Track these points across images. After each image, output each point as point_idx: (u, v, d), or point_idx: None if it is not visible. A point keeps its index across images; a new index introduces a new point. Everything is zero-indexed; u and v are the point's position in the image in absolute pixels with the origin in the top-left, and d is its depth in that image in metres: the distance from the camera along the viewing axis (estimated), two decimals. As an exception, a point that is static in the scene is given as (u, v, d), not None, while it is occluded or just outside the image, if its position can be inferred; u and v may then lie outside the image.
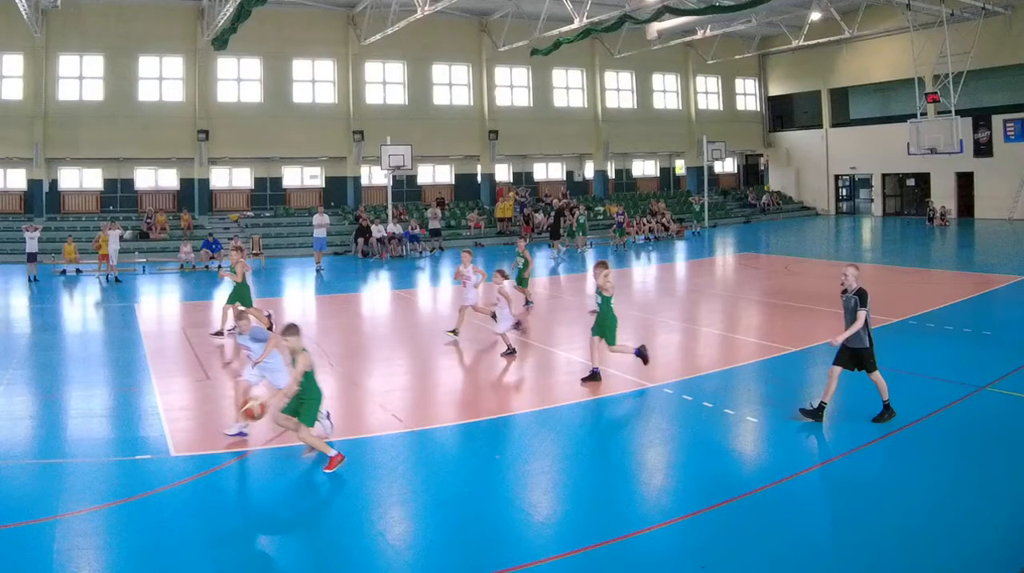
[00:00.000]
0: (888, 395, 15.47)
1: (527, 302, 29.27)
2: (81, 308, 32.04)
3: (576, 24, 47.11)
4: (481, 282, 24.69)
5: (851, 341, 15.36)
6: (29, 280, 37.65)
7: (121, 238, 41.45)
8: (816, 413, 15.58)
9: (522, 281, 29.13)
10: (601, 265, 18.88)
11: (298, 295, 36.78)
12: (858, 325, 15.26)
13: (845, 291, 15.69)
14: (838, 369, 15.63)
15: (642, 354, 18.99)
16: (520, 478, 13.41)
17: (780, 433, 15.31)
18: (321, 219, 46.03)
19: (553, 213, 50.76)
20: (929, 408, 16.13)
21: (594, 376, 18.58)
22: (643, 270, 41.92)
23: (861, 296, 15.39)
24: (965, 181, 62.34)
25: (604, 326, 18.58)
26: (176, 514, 11.92)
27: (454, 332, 23.94)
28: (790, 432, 15.23)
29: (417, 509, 12.43)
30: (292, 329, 13.79)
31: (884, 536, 10.81)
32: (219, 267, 39.46)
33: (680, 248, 51.17)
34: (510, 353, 21.56)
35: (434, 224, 52.43)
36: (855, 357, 15.47)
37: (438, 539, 11.21)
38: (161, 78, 53.16)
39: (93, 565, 10.43)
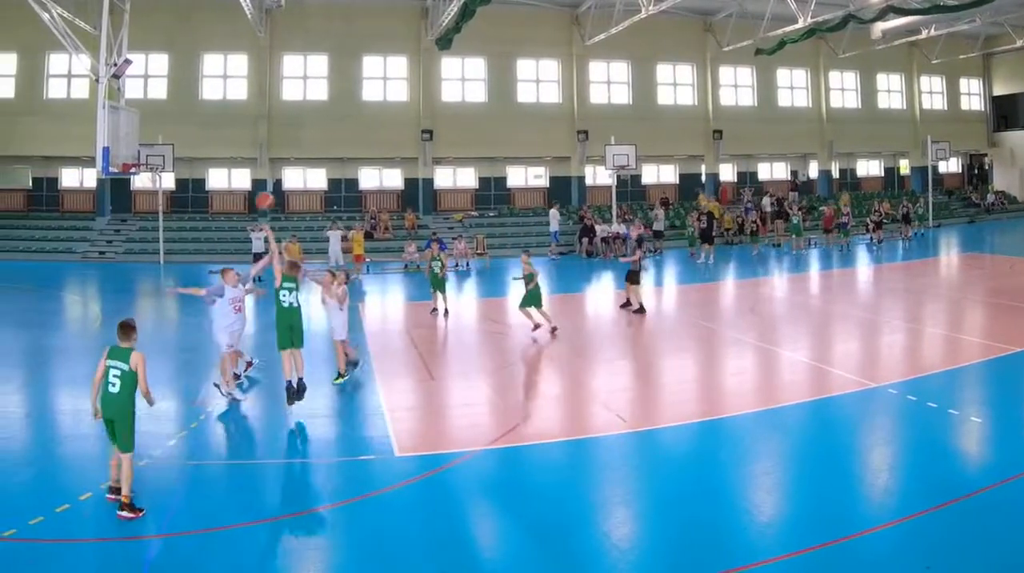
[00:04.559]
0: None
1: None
2: (306, 306, 25.83)
3: (800, 24, 39.77)
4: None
5: (636, 265, 25.40)
6: (253, 280, 30.48)
7: (343, 238, 36.91)
8: (632, 308, 25.25)
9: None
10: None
11: (521, 295, 31.06)
12: (640, 254, 26.65)
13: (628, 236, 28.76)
14: (630, 285, 25.30)
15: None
16: (744, 479, 11.87)
17: (1005, 433, 13.65)
18: (555, 214, 43.62)
19: (704, 216, 41.54)
20: None
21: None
22: (867, 270, 36.77)
23: (639, 239, 30.43)
24: None
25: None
26: (400, 514, 10.82)
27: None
28: (1015, 432, 13.59)
29: (641, 510, 11.21)
30: None
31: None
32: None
33: (904, 248, 43.82)
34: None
35: (657, 226, 44.41)
36: (637, 274, 25.38)
37: (662, 539, 10.12)
38: (385, 78, 46.97)
39: (318, 565, 9.63)
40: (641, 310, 24.89)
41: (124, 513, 10.24)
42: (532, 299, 22.50)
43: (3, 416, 14.97)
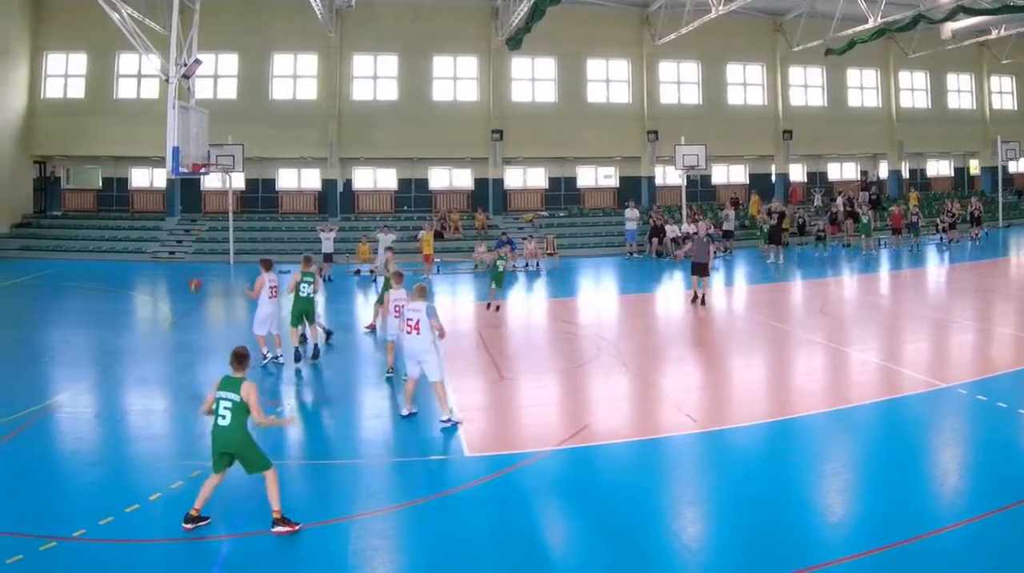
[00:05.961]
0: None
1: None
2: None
3: (870, 24, 37.96)
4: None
5: (701, 258, 25.20)
6: (324, 280, 29.33)
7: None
8: (698, 300, 25.16)
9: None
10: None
11: (592, 294, 32.08)
12: (712, 250, 26.51)
13: (696, 233, 27.69)
14: (695, 277, 25.29)
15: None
16: (814, 479, 11.34)
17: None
18: (632, 213, 41.71)
19: (776, 216, 39.32)
20: None
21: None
22: (937, 270, 35.25)
23: (711, 236, 27.96)
24: None
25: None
26: (470, 514, 10.35)
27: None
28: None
29: (711, 510, 10.58)
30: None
31: None
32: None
33: (974, 248, 41.36)
34: None
35: (727, 226, 41.99)
36: (703, 267, 25.25)
37: (732, 539, 9.58)
38: (455, 78, 44.76)
39: (388, 565, 9.23)
40: (697, 300, 25.22)
41: (279, 528, 9.57)
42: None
43: (73, 416, 14.48)
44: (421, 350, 13.71)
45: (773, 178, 50.23)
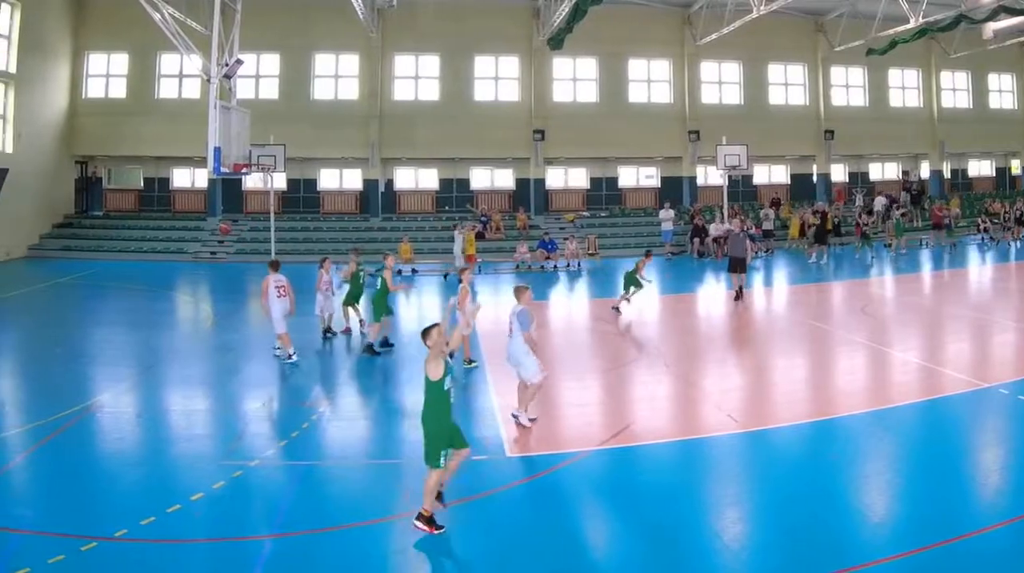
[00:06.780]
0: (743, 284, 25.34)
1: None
2: (416, 309, 26.85)
3: (912, 24, 37.05)
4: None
5: (738, 253, 25.47)
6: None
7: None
8: (738, 296, 25.35)
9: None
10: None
11: (633, 294, 29.59)
12: (752, 249, 27.90)
13: (730, 230, 27.57)
14: (734, 275, 25.59)
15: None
16: (855, 479, 11.01)
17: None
18: (667, 214, 41.05)
19: (818, 214, 38.42)
20: None
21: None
22: (977, 270, 34.03)
23: (750, 235, 28.53)
24: None
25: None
26: (511, 515, 10.18)
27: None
28: None
29: (752, 509, 10.32)
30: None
31: None
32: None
33: (1015, 249, 39.78)
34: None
35: (767, 225, 40.99)
36: (741, 263, 25.46)
37: (774, 539, 9.35)
38: (497, 78, 43.82)
39: (428, 565, 9.00)
40: (740, 298, 25.43)
41: (418, 524, 9.33)
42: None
43: (115, 416, 14.18)
44: (513, 353, 13.41)
45: (815, 178, 48.94)
